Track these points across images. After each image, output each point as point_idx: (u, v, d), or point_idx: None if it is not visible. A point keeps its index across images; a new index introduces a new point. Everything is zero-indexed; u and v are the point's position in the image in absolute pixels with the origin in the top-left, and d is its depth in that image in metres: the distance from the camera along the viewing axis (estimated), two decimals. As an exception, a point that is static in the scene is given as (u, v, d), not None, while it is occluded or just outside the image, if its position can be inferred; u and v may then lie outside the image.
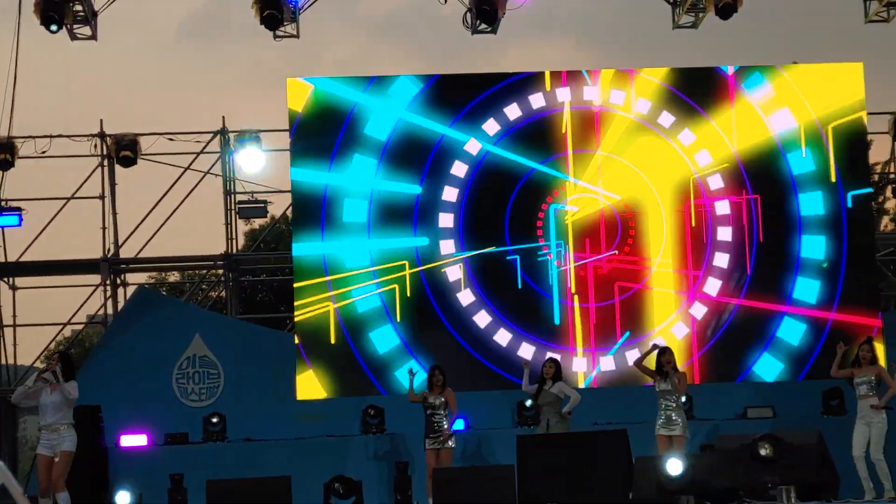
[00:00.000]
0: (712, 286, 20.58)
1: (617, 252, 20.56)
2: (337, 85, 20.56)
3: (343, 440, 18.69)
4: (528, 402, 18.93)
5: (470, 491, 13.13)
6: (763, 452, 11.98)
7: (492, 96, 20.75)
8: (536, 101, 20.78)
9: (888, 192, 27.66)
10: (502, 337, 20.15)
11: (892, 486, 15.36)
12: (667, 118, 20.86)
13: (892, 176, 25.04)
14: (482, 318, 20.19)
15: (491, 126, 20.63)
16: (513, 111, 20.69)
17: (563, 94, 20.84)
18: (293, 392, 19.59)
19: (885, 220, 35.02)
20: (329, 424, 19.13)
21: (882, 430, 15.64)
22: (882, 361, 17.57)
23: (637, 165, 20.81)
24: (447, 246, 20.35)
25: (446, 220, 20.40)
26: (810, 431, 13.27)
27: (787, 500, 11.62)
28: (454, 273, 20.29)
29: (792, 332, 20.48)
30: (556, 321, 20.29)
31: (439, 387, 16.52)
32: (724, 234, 20.73)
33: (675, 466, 12.34)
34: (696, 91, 20.96)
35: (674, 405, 15.76)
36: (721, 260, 20.67)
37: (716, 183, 20.84)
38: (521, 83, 20.84)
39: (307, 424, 19.10)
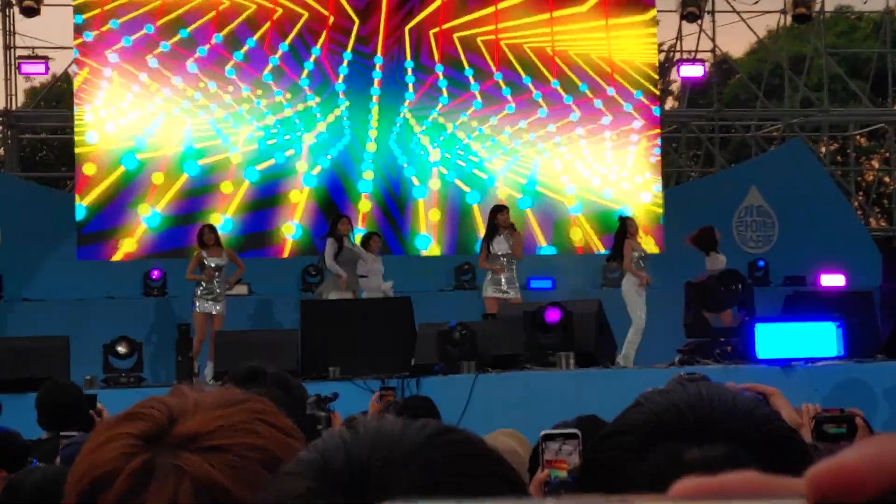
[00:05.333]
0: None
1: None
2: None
3: (124, 301, 18.40)
4: (313, 269, 18.93)
5: (252, 354, 13.02)
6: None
7: None
8: None
9: (673, 73, 28.11)
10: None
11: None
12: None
13: (678, 55, 25.44)
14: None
15: None
16: None
17: None
18: (73, 252, 19.19)
19: (670, 100, 35.63)
20: (110, 286, 18.82)
21: None
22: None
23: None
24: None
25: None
26: (590, 301, 13.50)
27: (566, 366, 11.82)
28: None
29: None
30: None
31: (215, 246, 16.13)
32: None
33: None
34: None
35: (513, 266, 15.67)
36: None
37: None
38: None
39: (88, 285, 18.77)
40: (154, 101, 19.80)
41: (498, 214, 15.71)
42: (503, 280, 15.53)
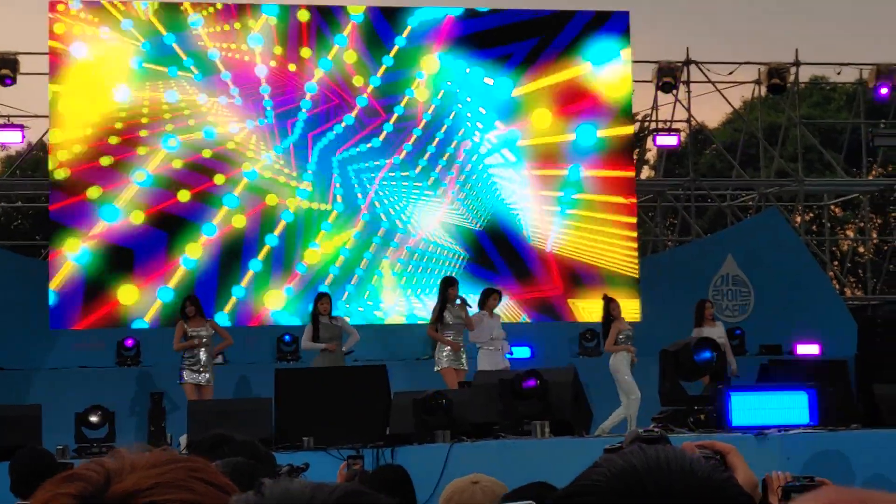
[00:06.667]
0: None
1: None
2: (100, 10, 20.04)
3: (98, 371, 18.32)
4: (287, 337, 18.92)
5: (226, 423, 12.96)
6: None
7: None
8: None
9: (649, 143, 28.29)
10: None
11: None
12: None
13: (653, 125, 25.59)
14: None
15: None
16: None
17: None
18: (46, 321, 19.09)
19: (646, 169, 35.81)
20: (83, 355, 18.74)
21: None
22: (638, 305, 18.01)
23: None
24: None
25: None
26: (566, 369, 13.48)
27: (542, 434, 11.77)
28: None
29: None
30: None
31: (196, 317, 16.17)
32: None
33: None
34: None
35: (460, 336, 15.88)
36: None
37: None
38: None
39: (61, 354, 18.68)
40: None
41: (449, 288, 16.01)
42: (457, 352, 15.78)
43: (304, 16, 20.58)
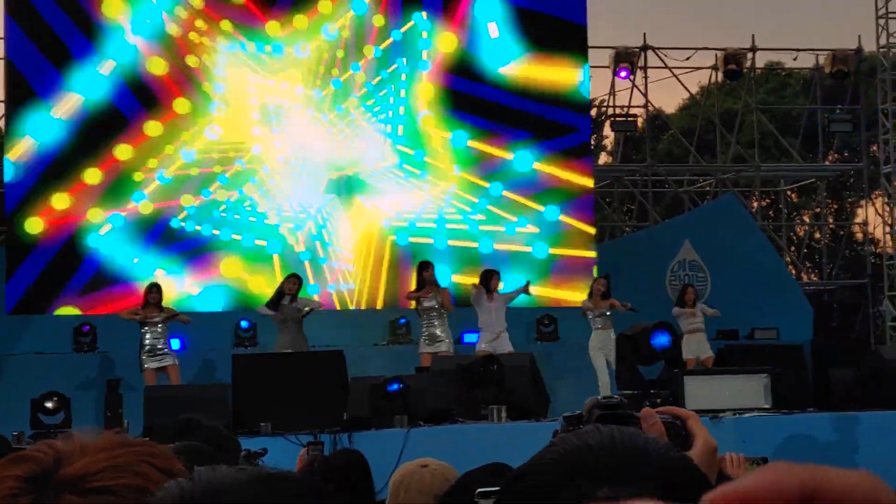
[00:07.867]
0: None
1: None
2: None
3: (53, 357, 18.20)
4: (244, 324, 18.86)
5: (184, 409, 12.91)
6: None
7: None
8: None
9: (606, 128, 28.33)
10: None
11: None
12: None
13: (610, 111, 25.63)
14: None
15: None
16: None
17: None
18: (2, 306, 18.99)
19: (603, 155, 35.88)
20: (39, 341, 18.63)
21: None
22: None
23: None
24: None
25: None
26: (523, 354, 13.53)
27: (499, 419, 11.80)
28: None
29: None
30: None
31: (155, 305, 16.14)
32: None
33: None
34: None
35: (437, 322, 15.81)
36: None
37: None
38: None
39: (17, 340, 18.60)
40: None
41: (423, 272, 15.98)
42: (437, 334, 15.70)
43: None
